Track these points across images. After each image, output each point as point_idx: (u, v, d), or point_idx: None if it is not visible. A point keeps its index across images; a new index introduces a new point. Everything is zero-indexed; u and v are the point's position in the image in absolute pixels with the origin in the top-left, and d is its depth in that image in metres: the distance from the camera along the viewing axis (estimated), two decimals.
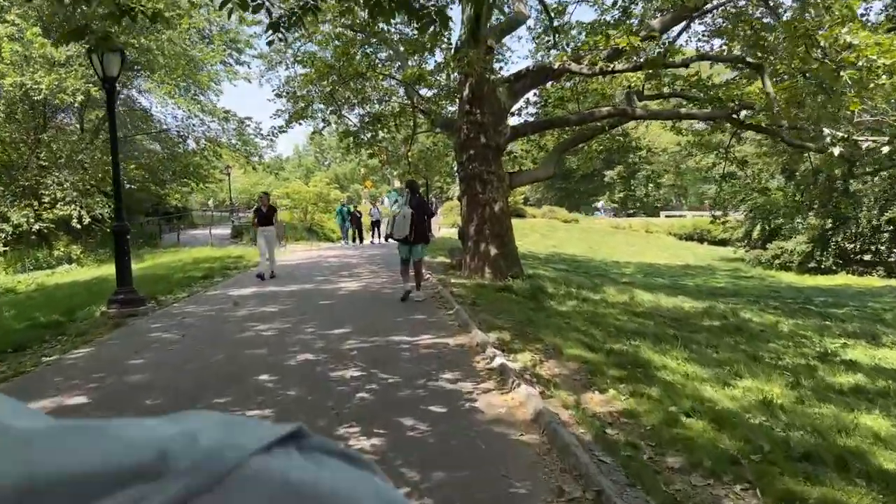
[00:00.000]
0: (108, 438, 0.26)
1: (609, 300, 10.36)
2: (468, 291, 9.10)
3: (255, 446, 0.26)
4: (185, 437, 0.26)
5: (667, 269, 24.48)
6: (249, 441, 0.27)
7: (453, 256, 14.79)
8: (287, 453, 0.27)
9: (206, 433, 0.27)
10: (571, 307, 8.61)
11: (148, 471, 0.24)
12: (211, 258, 15.88)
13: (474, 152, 12.10)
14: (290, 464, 0.27)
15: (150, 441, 0.26)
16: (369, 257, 16.54)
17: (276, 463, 0.26)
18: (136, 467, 0.24)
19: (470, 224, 12.18)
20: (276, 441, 0.28)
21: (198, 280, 12.13)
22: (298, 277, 11.89)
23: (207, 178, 23.96)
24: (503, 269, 11.84)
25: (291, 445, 0.28)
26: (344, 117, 13.96)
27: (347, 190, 60.84)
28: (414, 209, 8.54)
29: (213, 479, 0.24)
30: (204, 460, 0.25)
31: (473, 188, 12.13)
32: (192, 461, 0.25)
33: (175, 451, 0.25)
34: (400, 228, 8.41)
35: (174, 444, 0.26)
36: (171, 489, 0.23)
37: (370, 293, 9.36)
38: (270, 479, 0.25)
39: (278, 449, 0.27)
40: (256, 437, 0.27)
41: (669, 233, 42.26)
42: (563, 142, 13.49)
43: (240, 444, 0.26)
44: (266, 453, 0.27)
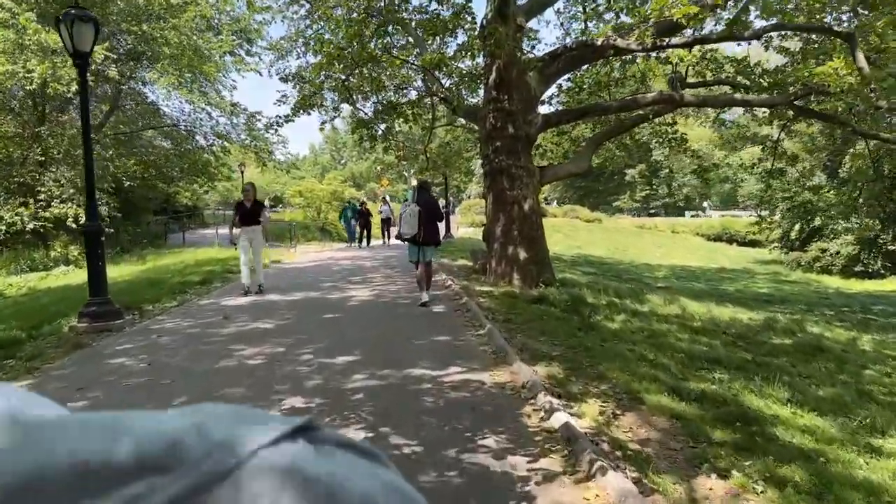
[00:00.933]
0: (121, 430, 0.26)
1: (659, 312, 8.98)
2: (498, 304, 7.79)
3: (266, 439, 0.27)
4: (197, 429, 0.26)
5: (701, 273, 22.94)
6: (260, 434, 0.27)
7: (476, 259, 13.49)
8: (297, 446, 0.27)
9: (217, 425, 0.27)
10: (621, 323, 7.26)
11: (160, 463, 0.24)
12: (214, 260, 14.74)
13: (501, 144, 10.79)
14: (300, 456, 0.27)
15: (162, 433, 0.26)
16: (384, 260, 15.27)
17: (287, 455, 0.26)
18: (147, 459, 0.24)
19: (496, 224, 10.87)
20: (287, 434, 0.28)
21: (194, 286, 10.96)
22: (303, 284, 10.66)
23: (217, 176, 22.85)
24: (533, 276, 10.52)
25: (302, 438, 0.28)
26: (357, 107, 12.69)
27: (363, 188, 59.83)
28: (421, 207, 8.11)
29: (224, 471, 0.24)
30: (215, 453, 0.25)
31: (500, 184, 10.82)
32: (204, 453, 0.25)
33: (187, 444, 0.25)
34: (408, 227, 8.02)
35: (186, 436, 0.26)
36: (182, 481, 0.24)
37: (384, 304, 8.08)
38: (280, 471, 0.25)
39: (289, 442, 0.27)
40: (267, 429, 0.27)
41: (697, 233, 40.57)
42: (600, 132, 12.12)
43: (251, 437, 0.26)
44: (276, 446, 0.27)
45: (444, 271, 12.40)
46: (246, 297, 9.13)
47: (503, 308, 7.43)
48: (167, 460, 0.24)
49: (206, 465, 0.25)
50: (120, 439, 0.25)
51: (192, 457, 0.25)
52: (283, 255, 16.82)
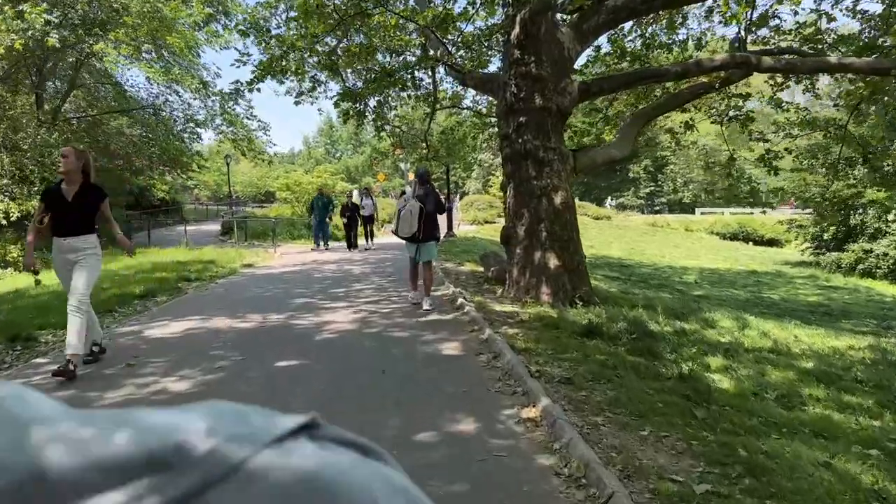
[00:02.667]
0: (124, 428, 0.26)
1: (747, 345, 6.59)
2: (535, 339, 5.38)
3: (269, 437, 0.27)
4: (200, 427, 0.26)
5: (732, 276, 20.56)
6: (263, 432, 0.27)
7: (488, 265, 11.07)
8: (300, 444, 0.27)
9: (221, 423, 0.27)
10: (729, 376, 4.85)
11: (163, 461, 0.24)
12: (174, 264, 12.29)
13: (526, 119, 8.36)
14: (303, 454, 0.27)
15: (165, 431, 0.26)
16: (377, 264, 12.81)
17: (290, 454, 0.26)
18: (150, 457, 0.24)
19: (518, 222, 8.45)
20: (291, 432, 0.27)
21: (131, 300, 8.54)
22: (268, 300, 8.21)
23: (190, 167, 20.37)
24: (567, 290, 8.11)
25: (305, 436, 0.28)
26: (343, 77, 10.20)
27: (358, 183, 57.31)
28: (422, 202, 7.33)
29: (226, 470, 0.24)
30: (219, 451, 0.25)
31: (524, 171, 8.40)
32: (208, 451, 0.25)
33: (190, 442, 0.25)
34: (405, 224, 7.28)
35: (189, 434, 0.26)
36: (185, 480, 0.24)
37: (371, 339, 5.61)
38: (283, 469, 0.25)
39: (292, 440, 0.27)
40: (270, 427, 0.27)
41: (711, 231, 38.23)
42: (648, 107, 9.69)
43: (254, 435, 0.26)
44: (280, 444, 0.27)
45: (449, 279, 9.97)
46: (188, 319, 6.69)
47: (546, 349, 5.00)
48: (171, 458, 0.24)
49: (210, 463, 0.24)
50: (123, 437, 0.25)
51: (195, 455, 0.25)
52: (259, 258, 14.37)
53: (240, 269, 12.15)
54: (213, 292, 9.22)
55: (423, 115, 16.68)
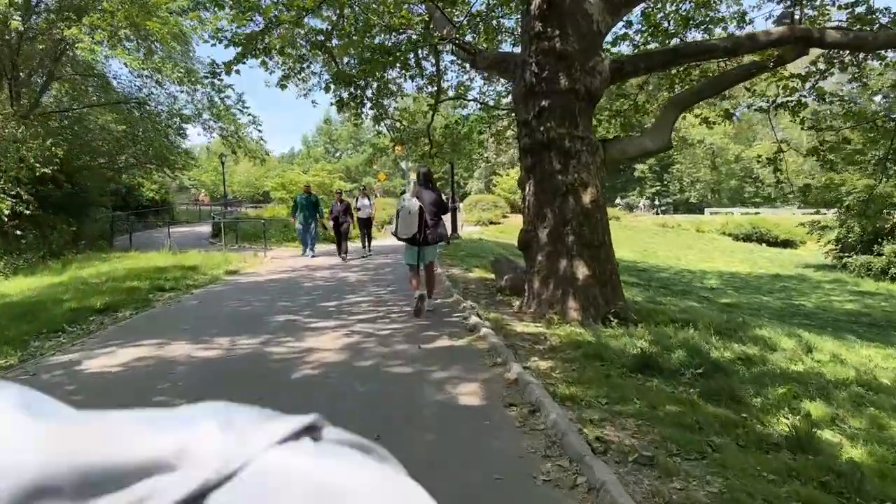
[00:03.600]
0: (128, 430, 0.26)
1: (828, 374, 5.32)
2: (578, 379, 4.10)
3: (273, 438, 0.27)
4: (204, 429, 0.26)
5: (755, 281, 19.29)
6: (266, 433, 0.27)
7: (502, 272, 9.80)
8: (302, 446, 0.27)
9: (223, 426, 0.27)
10: (827, 419, 3.60)
11: (167, 462, 0.24)
12: (149, 271, 11.04)
13: (549, 103, 7.11)
14: (304, 456, 0.27)
15: (168, 433, 0.26)
16: (375, 272, 11.55)
17: (292, 455, 0.26)
18: (154, 459, 0.24)
19: (540, 224, 7.19)
20: (293, 433, 0.28)
21: (87, 316, 7.28)
22: (243, 316, 6.95)
23: (176, 164, 19.11)
24: (599, 304, 6.86)
25: (307, 437, 0.28)
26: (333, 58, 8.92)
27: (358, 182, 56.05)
28: (423, 203, 6.87)
29: (230, 471, 0.25)
30: (221, 453, 0.25)
31: (547, 164, 7.14)
32: (210, 453, 0.25)
33: (193, 444, 0.25)
34: (405, 226, 6.82)
35: (192, 436, 0.26)
36: (188, 482, 0.24)
37: (364, 378, 4.33)
38: (285, 471, 0.26)
39: (294, 441, 0.27)
40: (273, 429, 0.27)
41: (723, 232, 36.89)
42: (687, 92, 8.42)
43: (256, 437, 0.26)
44: (282, 445, 0.27)
45: (457, 289, 8.72)
46: (141, 344, 5.44)
47: (597, 395, 3.72)
48: (174, 460, 0.24)
49: (212, 466, 0.24)
50: (126, 439, 0.25)
51: (197, 457, 0.25)
52: (246, 263, 13.10)
53: (222, 277, 10.89)
54: (185, 306, 7.96)
55: (425, 109, 15.42)
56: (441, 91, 14.15)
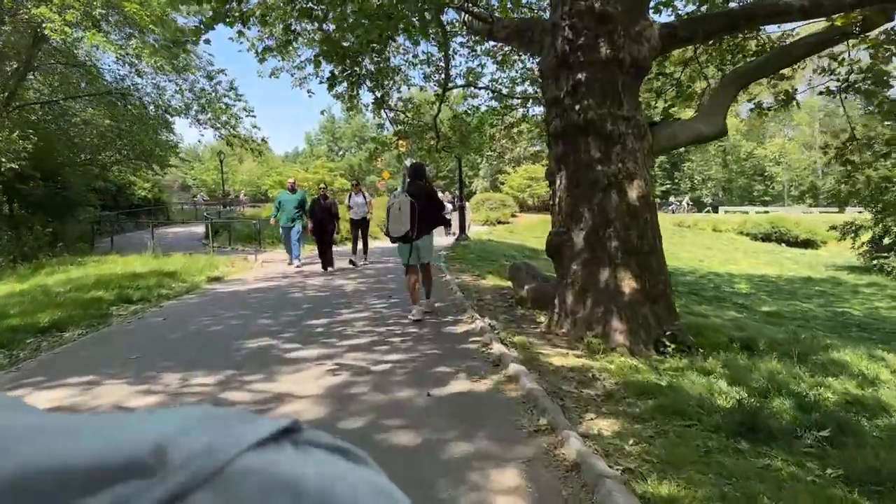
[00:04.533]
0: (105, 433, 0.26)
1: None
2: (666, 457, 2.75)
3: (250, 441, 0.26)
4: (181, 431, 0.26)
5: (787, 285, 17.87)
6: (244, 436, 0.27)
7: (519, 281, 8.48)
8: (281, 448, 0.27)
9: (201, 428, 0.27)
10: None
11: (143, 466, 0.24)
12: (124, 277, 9.77)
13: (587, 76, 5.78)
14: (283, 459, 0.27)
15: (145, 436, 0.25)
16: (378, 277, 10.24)
17: (270, 458, 0.26)
18: (131, 462, 0.24)
19: (574, 226, 5.86)
20: (271, 436, 0.27)
21: (26, 338, 6.03)
22: (207, 342, 5.64)
23: (164, 160, 17.86)
24: (650, 326, 5.53)
25: (286, 440, 0.28)
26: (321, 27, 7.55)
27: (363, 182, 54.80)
28: (413, 197, 6.27)
29: (207, 474, 0.24)
30: (199, 455, 0.25)
31: (583, 151, 5.82)
32: (188, 457, 0.25)
33: (171, 447, 0.25)
34: (396, 223, 6.27)
35: (170, 439, 0.25)
36: (166, 485, 0.24)
37: None
38: (264, 474, 0.25)
39: (273, 444, 0.27)
40: (251, 432, 0.27)
41: (741, 231, 35.36)
42: (748, 66, 7.07)
43: (235, 440, 0.26)
44: (260, 448, 0.26)
45: (469, 300, 7.41)
46: (47, 391, 4.13)
47: (696, 487, 2.38)
48: (151, 464, 0.24)
49: (190, 469, 0.24)
50: (105, 442, 0.25)
51: (175, 460, 0.24)
52: (233, 268, 11.81)
53: (203, 285, 9.60)
54: (146, 324, 6.66)
55: (431, 100, 14.09)
56: (449, 78, 12.83)
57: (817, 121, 62.85)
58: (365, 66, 7.93)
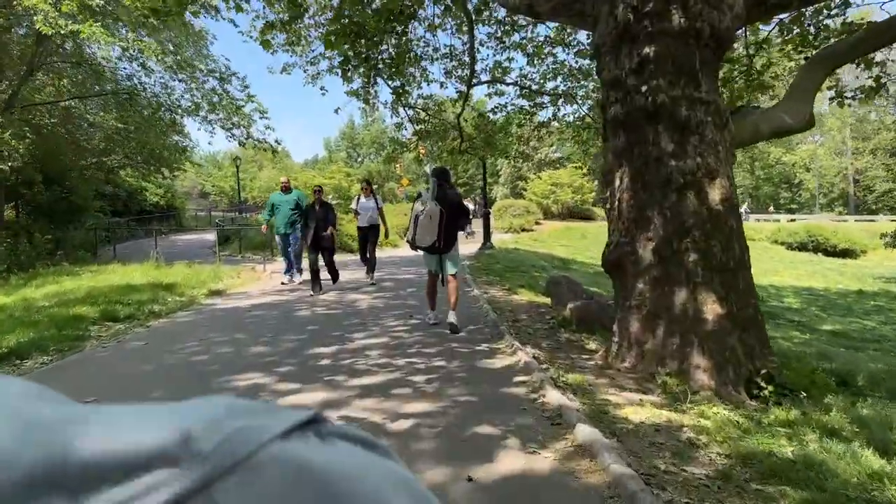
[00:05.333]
0: (132, 422, 0.26)
1: None
2: None
3: (275, 431, 0.27)
4: (208, 421, 0.26)
5: (839, 298, 16.46)
6: (269, 426, 0.27)
7: (559, 297, 7.41)
8: (305, 438, 0.27)
9: (228, 418, 0.27)
10: None
11: (171, 455, 0.24)
12: (119, 289, 8.86)
13: (655, 51, 4.68)
14: (308, 449, 0.27)
15: (173, 425, 0.26)
16: (397, 290, 9.18)
17: (295, 448, 0.27)
18: (159, 451, 0.24)
19: (640, 234, 4.74)
20: (295, 426, 0.28)
21: None
22: (181, 381, 4.61)
23: (173, 164, 17.04)
24: (741, 362, 4.39)
25: (310, 431, 0.28)
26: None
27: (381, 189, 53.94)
28: (443, 206, 5.88)
29: (233, 464, 0.25)
30: (225, 445, 0.25)
31: (652, 143, 4.71)
32: (214, 446, 0.25)
33: (197, 436, 0.25)
34: (424, 233, 5.87)
35: (197, 428, 0.26)
36: (193, 473, 0.24)
37: None
38: (288, 463, 0.26)
39: (297, 434, 0.27)
40: (276, 422, 0.27)
41: (775, 240, 33.71)
42: (842, 45, 5.90)
43: (260, 430, 0.26)
44: (285, 438, 0.27)
45: (504, 322, 6.30)
46: None
47: None
48: (178, 452, 0.24)
49: (217, 458, 0.24)
50: (130, 431, 0.25)
51: (202, 449, 0.25)
52: (238, 280, 10.83)
53: (200, 300, 8.60)
54: (122, 350, 5.64)
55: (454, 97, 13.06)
56: (474, 73, 11.77)
57: (848, 126, 60.75)
58: (382, 51, 6.88)
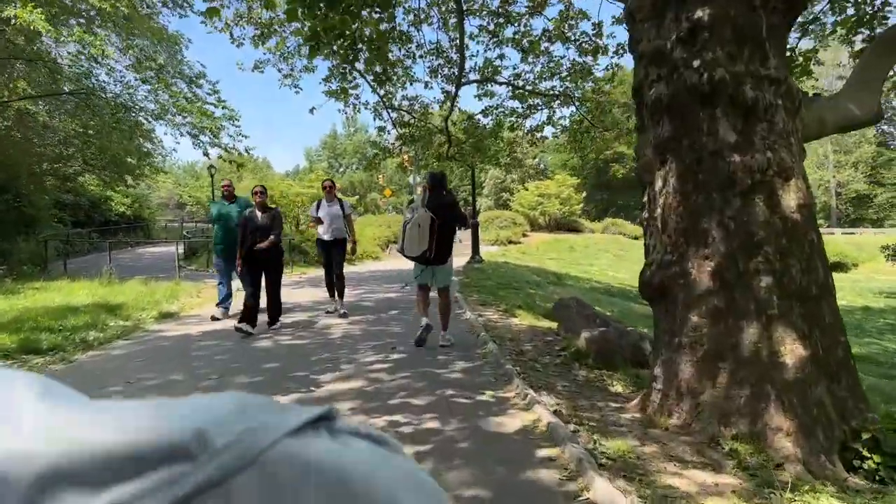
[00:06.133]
0: (148, 419, 0.26)
1: None
2: None
3: (288, 428, 0.27)
4: (222, 418, 0.27)
5: (845, 316, 15.56)
6: (282, 423, 0.27)
7: (570, 324, 6.33)
8: (317, 435, 0.28)
9: (241, 414, 0.27)
10: None
11: (185, 450, 0.25)
12: (57, 310, 7.59)
13: (710, 15, 3.60)
14: (320, 445, 0.27)
15: (187, 421, 0.26)
16: (378, 314, 8.03)
17: (307, 444, 0.27)
18: (173, 447, 0.25)
19: (695, 252, 3.64)
20: (307, 423, 0.28)
21: None
22: None
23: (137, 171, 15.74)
24: (831, 421, 3.28)
25: (322, 427, 0.28)
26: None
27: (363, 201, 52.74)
28: (434, 212, 5.42)
29: (247, 459, 0.25)
30: (238, 441, 0.25)
31: (706, 132, 3.62)
32: (228, 441, 0.25)
33: (211, 432, 0.26)
34: (414, 241, 5.44)
35: (210, 424, 0.26)
36: (206, 469, 0.24)
37: None
38: (301, 459, 0.26)
39: (309, 431, 0.28)
40: (289, 419, 0.28)
41: None
42: None
43: (273, 426, 0.27)
44: (297, 435, 0.27)
45: (505, 352, 5.18)
46: None
47: None
48: (192, 448, 0.25)
49: (230, 453, 0.25)
50: (146, 427, 0.25)
51: (216, 445, 0.25)
52: (198, 297, 9.59)
53: (147, 324, 7.37)
54: None
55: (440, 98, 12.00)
56: (463, 71, 10.72)
57: (829, 140, 61.02)
58: (360, 32, 5.76)
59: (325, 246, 7.66)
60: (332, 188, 7.69)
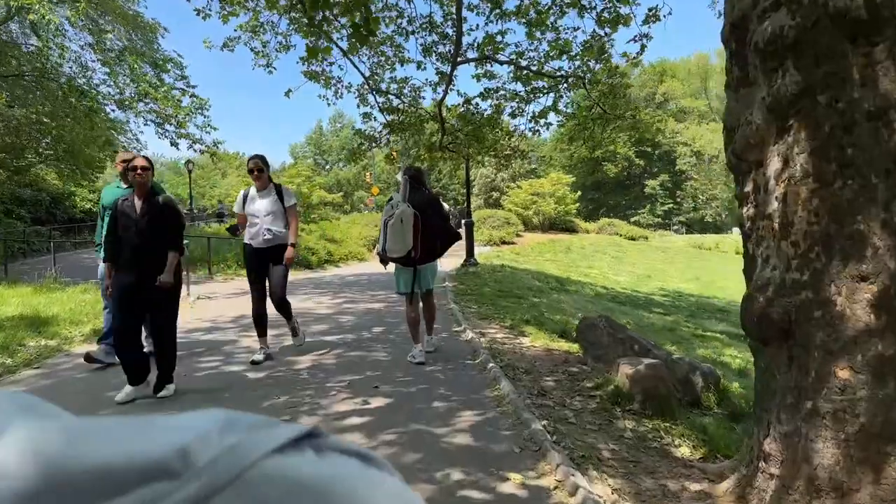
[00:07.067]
0: (132, 436, 0.26)
1: None
2: None
3: (272, 445, 0.27)
4: (205, 435, 0.26)
5: None
6: (266, 440, 0.27)
7: (600, 351, 5.01)
8: (302, 453, 0.27)
9: (225, 432, 0.27)
10: None
11: (167, 468, 0.24)
12: None
13: None
14: (305, 463, 0.27)
15: (171, 439, 0.26)
16: (358, 331, 6.69)
17: (292, 462, 0.27)
18: (156, 464, 0.24)
19: (838, 271, 2.29)
20: (292, 441, 0.28)
21: None
22: None
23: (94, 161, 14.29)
24: None
25: (307, 445, 0.28)
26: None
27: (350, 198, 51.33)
28: (417, 209, 4.88)
29: (230, 477, 0.25)
30: (222, 459, 0.25)
31: (857, 86, 2.28)
32: (211, 459, 0.25)
33: (194, 450, 0.25)
34: (397, 238, 4.85)
35: (194, 442, 0.26)
36: (189, 487, 0.24)
37: None
38: (285, 477, 0.26)
39: (295, 448, 0.27)
40: (273, 436, 0.27)
41: None
42: None
43: (257, 444, 0.26)
44: (282, 453, 0.27)
45: (519, 390, 3.88)
46: None
47: None
48: (175, 466, 0.24)
49: (213, 471, 0.25)
50: (130, 444, 0.25)
51: (199, 463, 0.25)
52: None
53: (73, 345, 5.98)
54: None
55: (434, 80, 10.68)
56: (460, 47, 9.42)
57: None
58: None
59: (257, 256, 5.14)
60: (264, 171, 5.15)
